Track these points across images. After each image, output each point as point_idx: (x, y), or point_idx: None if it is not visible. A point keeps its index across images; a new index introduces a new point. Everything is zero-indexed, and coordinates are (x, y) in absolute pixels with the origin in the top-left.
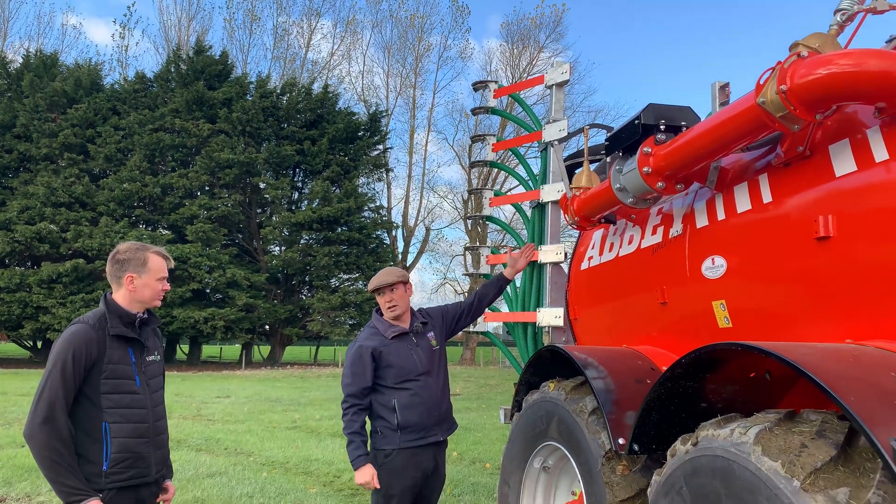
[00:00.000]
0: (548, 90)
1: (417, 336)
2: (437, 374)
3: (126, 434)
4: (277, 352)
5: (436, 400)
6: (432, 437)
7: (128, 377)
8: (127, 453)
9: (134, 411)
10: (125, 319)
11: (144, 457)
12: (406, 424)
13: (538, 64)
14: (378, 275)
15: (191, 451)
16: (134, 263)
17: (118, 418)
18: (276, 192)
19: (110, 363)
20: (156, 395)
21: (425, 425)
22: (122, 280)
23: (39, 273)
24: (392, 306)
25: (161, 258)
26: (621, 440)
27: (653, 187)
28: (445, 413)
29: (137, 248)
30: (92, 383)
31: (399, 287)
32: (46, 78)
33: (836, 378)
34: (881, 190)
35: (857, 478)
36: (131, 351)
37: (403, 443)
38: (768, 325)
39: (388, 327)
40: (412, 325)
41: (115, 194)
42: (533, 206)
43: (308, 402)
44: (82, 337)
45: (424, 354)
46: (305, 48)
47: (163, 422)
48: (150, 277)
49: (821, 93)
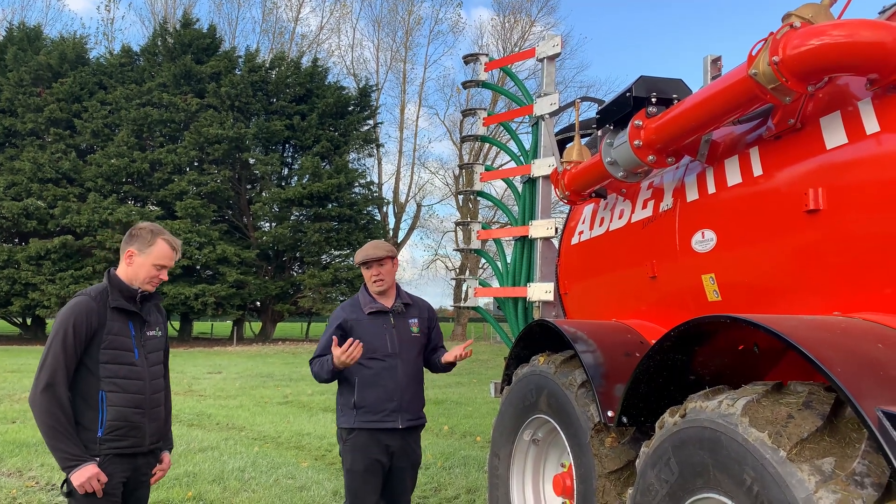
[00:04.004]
0: (539, 64)
1: (396, 316)
2: (409, 360)
3: (122, 403)
4: (269, 328)
5: (398, 385)
6: (389, 422)
7: (127, 349)
8: (122, 422)
9: (131, 382)
10: (126, 293)
11: (139, 426)
12: (362, 404)
13: (530, 38)
14: (365, 247)
15: (182, 426)
16: (140, 241)
17: (114, 387)
18: (265, 167)
19: (110, 334)
20: (155, 369)
21: (382, 408)
22: (124, 253)
23: (27, 249)
24: (378, 280)
25: (168, 247)
26: (610, 412)
27: (643, 161)
28: (409, 403)
29: (151, 229)
30: (91, 353)
31: (387, 262)
32: (31, 51)
33: (824, 349)
34: (872, 162)
35: (843, 448)
36: (131, 324)
37: (358, 422)
38: (757, 298)
39: (369, 302)
40: (393, 305)
41: (103, 170)
42: (524, 180)
43: (300, 378)
44: (83, 308)
45: (399, 337)
46: (294, 21)
47: (161, 395)
48: (149, 260)
49: (813, 64)
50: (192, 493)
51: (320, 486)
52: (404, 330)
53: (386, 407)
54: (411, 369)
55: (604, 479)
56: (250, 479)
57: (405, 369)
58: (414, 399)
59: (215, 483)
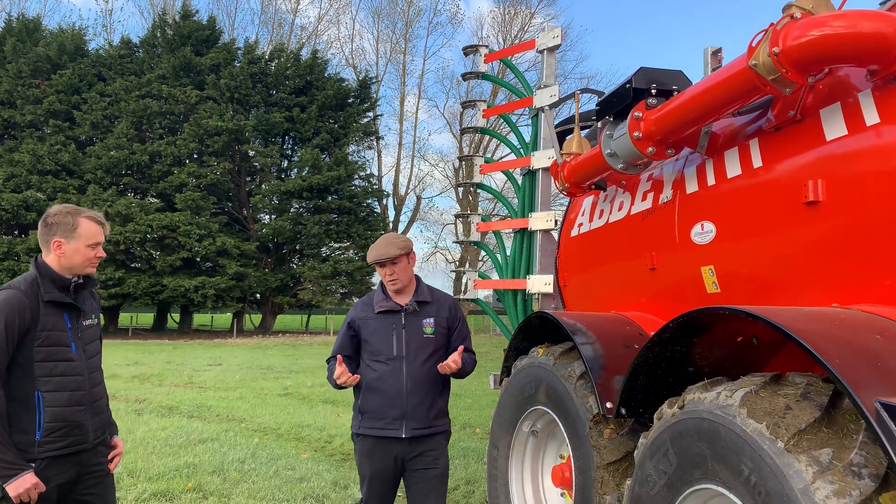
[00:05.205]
0: (539, 55)
1: (408, 316)
2: (417, 363)
3: (61, 403)
4: (269, 320)
5: (402, 390)
6: (391, 431)
7: (63, 344)
8: (61, 422)
9: (69, 379)
10: (59, 284)
11: (81, 424)
12: (365, 409)
13: (530, 30)
14: (377, 245)
15: (182, 417)
16: (62, 228)
17: (52, 387)
18: (265, 159)
19: (44, 330)
20: (93, 361)
21: (384, 415)
22: (49, 245)
23: (27, 241)
24: (393, 279)
25: (94, 223)
26: (609, 404)
27: (643, 152)
28: (415, 410)
29: (68, 211)
30: (24, 352)
31: (401, 259)
32: (30, 43)
33: (822, 341)
34: (872, 154)
35: (841, 438)
36: (67, 316)
37: (363, 428)
38: (757, 290)
39: (381, 300)
40: (406, 303)
41: (103, 162)
42: (524, 173)
43: (300, 370)
44: (14, 304)
45: (407, 338)
46: (293, 13)
47: (100, 387)
48: (80, 243)
49: (813, 55)
50: (192, 483)
51: (320, 477)
52: (415, 331)
53: (388, 414)
54: (421, 373)
55: (602, 470)
56: (250, 470)
57: (412, 373)
58: (421, 406)
59: (215, 474)
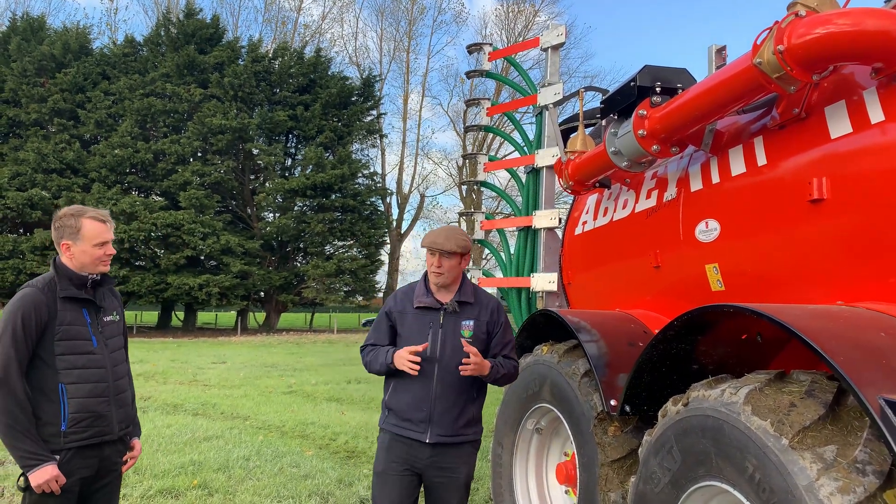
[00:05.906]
0: (543, 53)
1: (447, 316)
2: (452, 367)
3: (84, 394)
4: (273, 318)
5: (429, 394)
6: (412, 432)
7: (83, 338)
8: (86, 413)
9: (91, 371)
10: (75, 281)
11: (104, 415)
12: (391, 406)
13: (534, 28)
14: (438, 232)
15: (187, 415)
16: (68, 231)
17: (74, 379)
18: (269, 158)
19: (63, 325)
20: (116, 355)
21: (409, 416)
22: (60, 247)
23: (32, 240)
24: (438, 272)
25: (98, 222)
26: (613, 402)
27: (648, 150)
28: (442, 416)
29: (72, 213)
30: (45, 346)
31: (455, 257)
32: (34, 41)
33: (826, 338)
34: (876, 152)
35: (845, 436)
36: (86, 312)
37: (388, 425)
38: (761, 287)
39: (421, 295)
40: (447, 302)
41: (107, 160)
42: (528, 171)
43: (304, 368)
44: (30, 300)
45: (444, 339)
46: (297, 11)
47: (124, 380)
48: (86, 244)
49: (818, 53)
50: (198, 481)
51: (324, 474)
52: (453, 332)
53: (414, 416)
54: (452, 378)
55: (606, 467)
56: (255, 467)
57: (444, 377)
58: (449, 413)
59: (220, 471)
